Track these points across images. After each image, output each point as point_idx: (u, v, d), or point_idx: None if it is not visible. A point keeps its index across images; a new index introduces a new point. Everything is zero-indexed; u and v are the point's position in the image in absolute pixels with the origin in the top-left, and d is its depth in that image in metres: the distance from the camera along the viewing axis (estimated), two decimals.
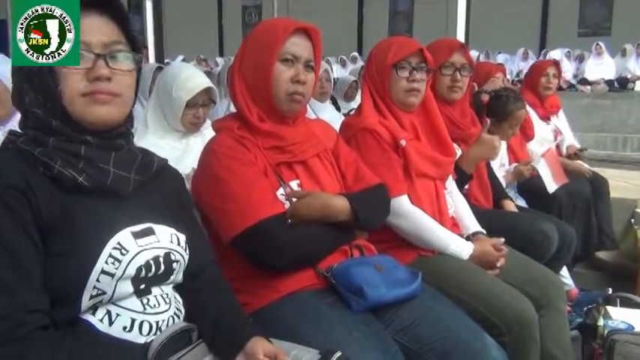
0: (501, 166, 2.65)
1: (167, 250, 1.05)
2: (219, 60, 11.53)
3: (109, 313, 0.97)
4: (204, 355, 1.04)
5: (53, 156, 0.95)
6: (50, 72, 0.95)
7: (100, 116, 0.98)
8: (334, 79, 4.61)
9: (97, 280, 0.93)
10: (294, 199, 1.35)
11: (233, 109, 1.48)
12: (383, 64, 1.73)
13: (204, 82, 2.01)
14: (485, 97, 2.60)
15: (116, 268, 0.95)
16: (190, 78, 1.99)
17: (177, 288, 1.12)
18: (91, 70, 0.96)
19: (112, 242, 0.96)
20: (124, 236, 0.98)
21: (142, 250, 1.00)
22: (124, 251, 0.97)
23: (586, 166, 3.29)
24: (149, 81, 3.25)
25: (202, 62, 12.20)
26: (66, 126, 0.97)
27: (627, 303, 2.11)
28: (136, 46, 1.04)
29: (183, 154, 1.98)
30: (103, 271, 0.94)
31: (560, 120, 3.53)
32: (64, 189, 0.95)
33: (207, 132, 1.95)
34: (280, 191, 1.37)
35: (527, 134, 3.09)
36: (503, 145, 2.61)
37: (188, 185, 1.46)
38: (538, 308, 1.62)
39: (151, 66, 3.62)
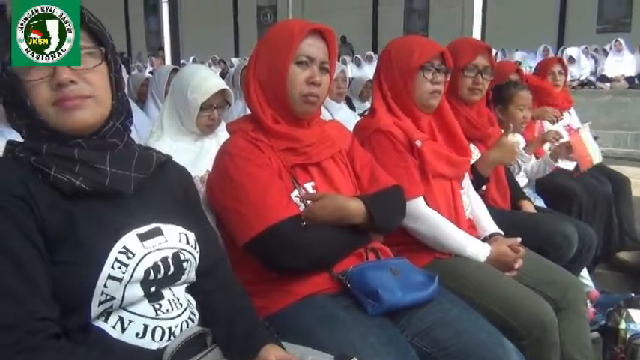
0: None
1: (176, 250, 1.04)
2: (235, 60, 11.58)
3: (121, 319, 0.97)
4: None
5: (48, 162, 0.93)
6: (21, 87, 0.92)
7: (75, 122, 0.94)
8: (349, 78, 4.59)
9: (105, 286, 0.92)
10: (308, 202, 1.34)
11: (249, 111, 1.48)
12: (407, 67, 1.70)
13: (219, 83, 2.01)
14: None
15: (123, 273, 0.94)
16: (205, 80, 1.99)
17: (190, 289, 1.11)
18: (53, 77, 0.92)
19: (118, 246, 0.95)
20: (130, 239, 0.97)
21: (149, 252, 0.99)
22: (130, 254, 0.96)
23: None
24: (165, 83, 3.26)
25: (220, 63, 12.24)
26: (54, 133, 0.95)
27: None
28: (100, 38, 0.98)
29: (198, 156, 1.98)
30: (110, 277, 0.93)
31: (572, 116, 3.47)
32: (65, 196, 0.94)
33: (222, 134, 1.95)
34: (295, 193, 1.36)
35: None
36: (521, 140, 2.67)
37: (203, 188, 1.46)
38: (557, 311, 1.59)
39: (167, 68, 3.62)
